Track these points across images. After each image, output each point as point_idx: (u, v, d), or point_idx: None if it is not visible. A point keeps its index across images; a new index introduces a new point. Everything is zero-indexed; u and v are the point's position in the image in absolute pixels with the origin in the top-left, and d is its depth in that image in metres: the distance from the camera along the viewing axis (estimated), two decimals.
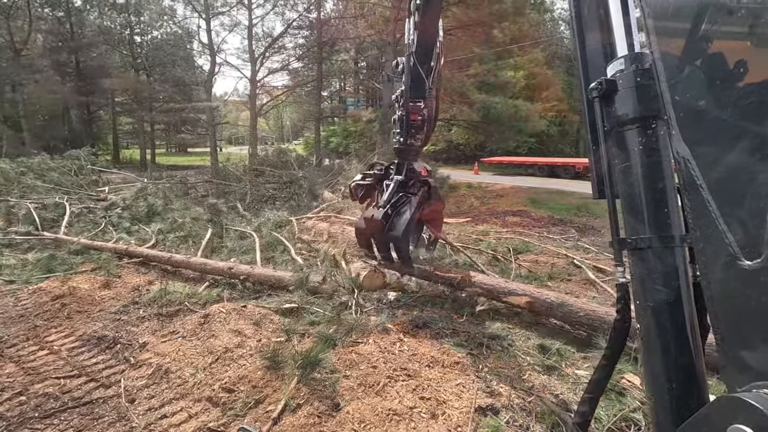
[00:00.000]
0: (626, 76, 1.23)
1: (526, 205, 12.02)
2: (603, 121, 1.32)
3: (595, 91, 1.29)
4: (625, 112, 1.23)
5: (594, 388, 1.37)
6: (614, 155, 1.32)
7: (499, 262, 5.99)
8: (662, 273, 1.18)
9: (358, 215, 4.95)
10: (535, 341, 3.70)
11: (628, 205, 1.27)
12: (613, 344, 1.32)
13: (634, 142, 1.22)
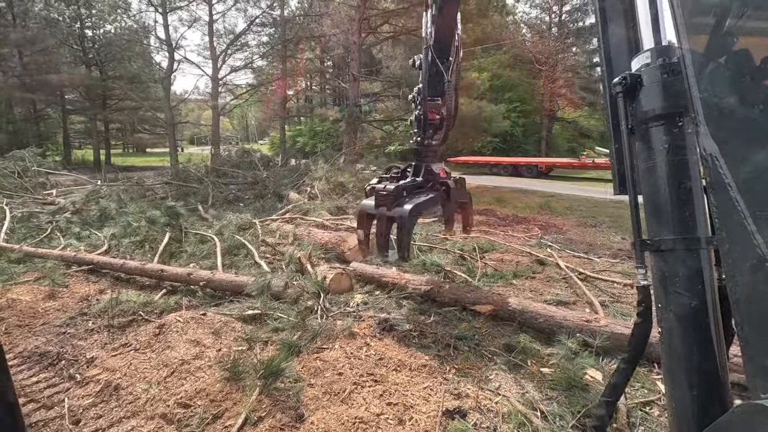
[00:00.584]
0: (652, 70, 1.17)
1: (492, 204, 12.24)
2: (626, 118, 1.26)
3: (619, 86, 1.23)
4: (651, 108, 1.18)
5: (611, 392, 1.34)
6: (637, 153, 1.27)
7: (465, 261, 6.03)
8: (686, 276, 1.13)
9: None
10: (501, 340, 3.72)
11: (651, 204, 1.22)
12: (633, 348, 1.28)
13: (659, 140, 1.17)
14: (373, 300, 4.60)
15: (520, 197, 13.67)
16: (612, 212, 10.81)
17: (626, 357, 1.30)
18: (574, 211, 10.94)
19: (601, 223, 9.34)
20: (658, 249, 1.17)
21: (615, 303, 4.61)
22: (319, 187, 10.59)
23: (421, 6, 14.50)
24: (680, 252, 1.12)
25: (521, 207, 11.61)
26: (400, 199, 3.76)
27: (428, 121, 4.07)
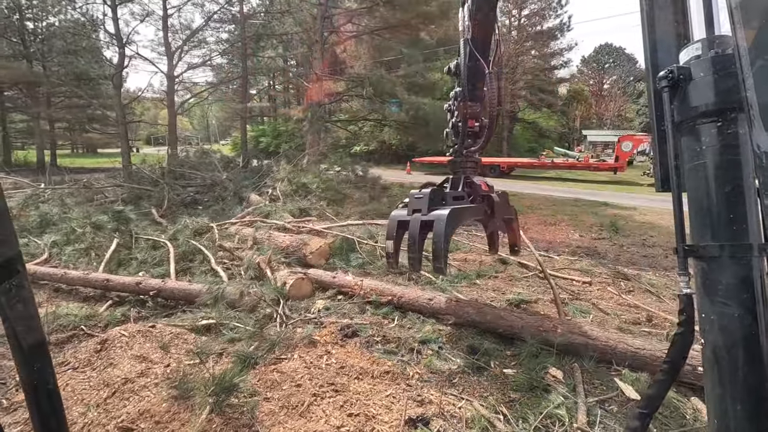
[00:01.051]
0: (703, 62, 1.08)
1: None
2: (671, 114, 1.16)
3: (665, 80, 1.14)
4: (700, 103, 1.09)
5: (647, 404, 1.25)
6: (683, 151, 1.17)
7: (428, 262, 5.99)
8: (734, 285, 1.04)
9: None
10: (464, 342, 3.69)
11: (697, 207, 1.13)
12: (672, 359, 1.20)
13: (708, 137, 1.08)
14: (336, 305, 4.47)
15: None
16: (570, 210, 11.17)
17: (665, 368, 1.21)
18: (534, 210, 11.22)
19: (561, 222, 9.62)
20: (703, 255, 1.10)
21: (574, 300, 4.70)
22: (281, 188, 10.31)
23: (383, 6, 14.51)
24: (728, 259, 1.05)
25: None
26: (438, 205, 3.37)
27: (467, 129, 3.69)
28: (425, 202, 3.28)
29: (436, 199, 3.39)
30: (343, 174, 12.46)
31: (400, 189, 15.48)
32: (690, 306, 1.16)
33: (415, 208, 3.35)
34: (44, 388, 0.82)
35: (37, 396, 0.82)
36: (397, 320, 4.13)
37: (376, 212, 9.60)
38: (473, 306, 3.98)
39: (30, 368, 0.80)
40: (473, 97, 3.68)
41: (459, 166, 3.93)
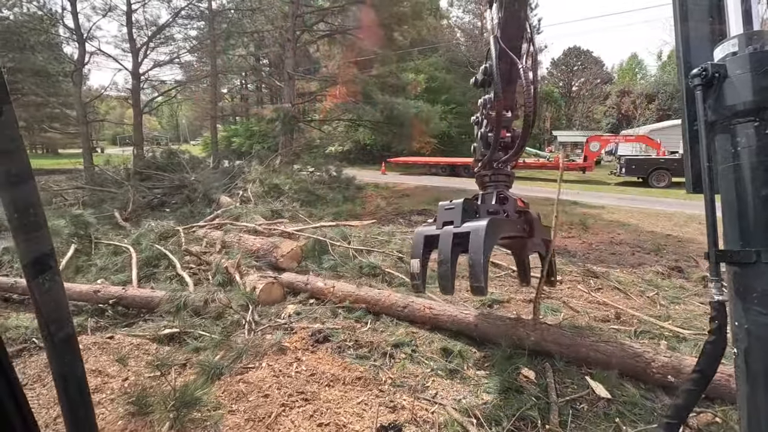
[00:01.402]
0: (740, 59, 1.03)
1: (431, 204, 12.38)
2: (705, 113, 1.11)
3: (698, 78, 1.09)
4: (736, 101, 1.04)
5: (675, 414, 1.20)
6: (717, 151, 1.12)
7: (403, 263, 5.95)
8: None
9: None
10: (438, 344, 3.66)
11: (731, 211, 1.07)
12: (703, 368, 1.15)
13: (744, 137, 1.03)
14: (308, 309, 4.36)
15: (458, 197, 13.99)
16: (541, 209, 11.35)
17: (694, 377, 1.16)
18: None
19: None
20: (737, 261, 1.05)
21: (546, 299, 4.74)
22: (252, 189, 10.06)
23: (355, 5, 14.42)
24: (764, 265, 1.00)
25: None
26: (472, 218, 2.92)
27: (499, 139, 3.26)
28: (458, 212, 2.87)
29: (469, 210, 2.99)
30: (317, 174, 12.29)
31: (375, 189, 15.44)
32: (722, 313, 1.12)
33: (445, 221, 2.92)
34: (74, 379, 0.85)
35: (67, 386, 0.84)
36: (370, 323, 4.05)
37: (350, 213, 9.51)
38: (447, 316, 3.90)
39: (61, 360, 0.83)
40: (507, 100, 3.29)
41: (490, 180, 3.48)
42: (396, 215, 10.04)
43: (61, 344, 0.84)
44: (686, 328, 3.94)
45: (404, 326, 3.99)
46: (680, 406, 1.19)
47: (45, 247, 0.82)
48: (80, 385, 0.88)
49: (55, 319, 0.83)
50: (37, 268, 0.80)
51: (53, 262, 0.83)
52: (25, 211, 0.78)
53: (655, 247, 7.30)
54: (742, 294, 1.05)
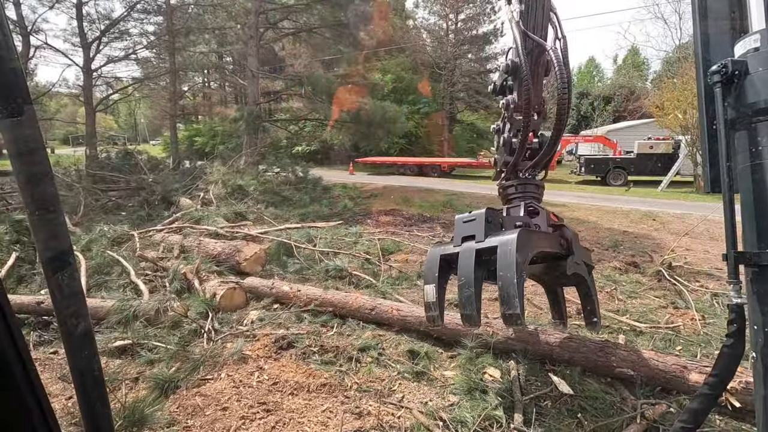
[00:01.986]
0: (762, 55, 1.00)
1: (398, 203, 12.40)
2: (724, 111, 1.08)
3: (717, 75, 1.06)
4: (758, 99, 1.00)
5: (690, 418, 1.17)
6: (738, 150, 1.09)
7: (371, 264, 5.90)
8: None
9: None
10: (404, 347, 3.62)
11: (752, 211, 1.04)
12: (720, 372, 1.11)
13: (766, 137, 1.00)
14: (271, 315, 4.22)
15: (425, 196, 14.09)
16: None
17: (711, 381, 1.14)
18: (473, 209, 11.50)
19: None
20: (758, 263, 1.02)
21: None
22: (215, 191, 9.72)
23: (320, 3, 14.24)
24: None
25: (426, 206, 11.94)
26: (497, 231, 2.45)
27: (526, 145, 2.81)
28: (480, 225, 2.41)
29: (493, 222, 2.51)
30: (283, 175, 12.04)
31: (343, 190, 15.30)
32: (741, 316, 1.09)
33: (465, 236, 2.48)
34: (90, 374, 0.87)
35: (84, 381, 0.86)
36: (336, 327, 3.97)
37: (317, 214, 9.36)
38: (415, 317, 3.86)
39: (78, 355, 0.86)
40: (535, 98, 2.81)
41: (516, 191, 2.98)
42: (364, 216, 9.96)
43: (80, 340, 0.85)
44: (642, 322, 4.09)
45: (371, 329, 3.93)
46: (697, 410, 1.16)
47: (64, 245, 0.83)
48: (97, 380, 0.89)
49: (73, 315, 0.83)
50: (56, 265, 0.81)
51: (72, 259, 0.84)
52: (46, 209, 0.78)
53: (613, 243, 7.59)
54: (762, 297, 1.02)
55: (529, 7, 2.80)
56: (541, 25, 2.85)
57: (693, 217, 9.96)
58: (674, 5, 39.76)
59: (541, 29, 2.86)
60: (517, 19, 2.76)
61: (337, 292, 4.43)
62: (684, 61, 17.09)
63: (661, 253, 6.68)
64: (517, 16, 2.78)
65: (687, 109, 15.43)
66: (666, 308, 4.52)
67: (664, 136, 18.48)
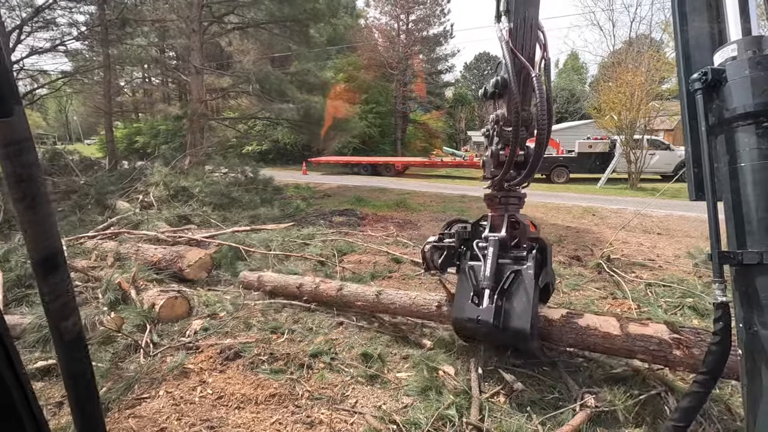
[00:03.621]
0: (739, 63, 1.04)
1: (352, 203, 12.31)
2: (706, 117, 1.11)
3: (698, 83, 1.11)
4: (737, 105, 1.04)
5: (682, 417, 1.18)
6: (719, 155, 1.13)
7: (324, 266, 5.78)
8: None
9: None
10: (358, 350, 3.55)
11: (734, 213, 1.08)
12: (709, 370, 1.15)
13: (745, 141, 1.04)
14: (217, 324, 3.99)
15: (379, 196, 14.10)
16: (459, 206, 11.86)
17: (700, 379, 1.17)
18: (427, 207, 11.69)
19: (451, 217, 10.12)
20: (741, 262, 1.06)
21: None
22: (156, 193, 9.13)
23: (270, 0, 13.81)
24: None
25: (380, 205, 11.93)
26: (503, 311, 2.92)
27: (513, 158, 3.02)
28: (493, 328, 2.90)
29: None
30: (231, 176, 11.55)
31: (296, 190, 14.97)
32: (727, 315, 1.13)
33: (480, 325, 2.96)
34: (83, 378, 0.86)
35: (76, 385, 0.86)
36: (287, 334, 3.83)
37: (269, 216, 9.06)
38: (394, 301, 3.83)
39: (70, 359, 0.84)
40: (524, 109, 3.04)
41: (500, 202, 3.29)
42: (317, 216, 9.78)
43: (71, 343, 0.84)
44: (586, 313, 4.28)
45: (323, 333, 3.83)
46: (688, 408, 1.19)
47: (55, 246, 0.81)
48: (89, 384, 0.89)
49: (65, 318, 0.83)
50: (47, 267, 0.80)
51: (63, 260, 0.83)
52: (35, 210, 0.78)
53: (557, 238, 7.95)
54: (745, 295, 1.07)
55: (517, 26, 2.92)
56: (530, 44, 2.98)
57: (627, 211, 10.66)
58: (608, 14, 42.45)
59: (530, 47, 2.99)
60: (506, 38, 2.90)
61: (290, 276, 4.28)
62: (618, 66, 18.25)
63: (601, 247, 7.07)
64: (506, 35, 2.91)
65: (621, 111, 16.51)
66: (606, 299, 4.77)
67: (602, 136, 19.71)
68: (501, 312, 2.94)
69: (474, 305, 3.05)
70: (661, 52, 17.61)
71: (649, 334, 2.76)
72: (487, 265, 3.01)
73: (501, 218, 3.25)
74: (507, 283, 2.98)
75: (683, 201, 13.10)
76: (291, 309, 4.37)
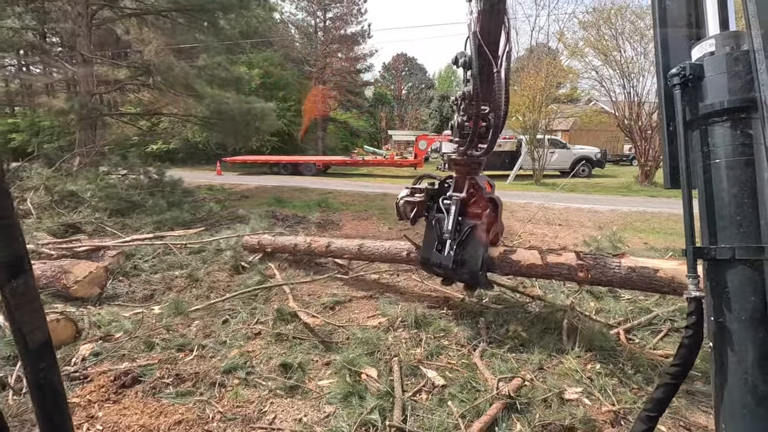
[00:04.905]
0: (716, 59, 1.05)
1: (272, 204, 11.82)
2: (683, 112, 1.13)
3: (676, 78, 1.11)
4: (713, 101, 1.05)
5: (655, 407, 1.21)
6: (695, 151, 1.14)
7: (239, 274, 5.42)
8: (745, 289, 1.02)
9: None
10: (276, 360, 3.35)
11: (708, 208, 1.09)
12: (680, 362, 1.16)
13: (720, 136, 1.05)
14: (112, 346, 3.52)
15: (300, 195, 13.72)
16: (380, 204, 11.96)
17: (672, 371, 1.17)
18: (349, 206, 11.61)
19: (372, 216, 10.17)
20: (714, 257, 1.06)
21: (385, 294, 4.87)
22: (35, 200, 7.90)
23: None
24: (739, 262, 1.02)
25: (301, 205, 11.60)
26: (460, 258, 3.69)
27: (476, 130, 3.34)
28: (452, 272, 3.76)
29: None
30: (132, 178, 10.39)
31: (209, 192, 14.00)
32: (699, 309, 1.14)
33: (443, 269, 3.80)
34: (49, 386, 0.84)
35: (43, 394, 0.83)
36: (197, 350, 3.49)
37: (177, 221, 8.32)
38: None
39: (36, 367, 0.82)
40: (484, 92, 3.28)
41: (463, 167, 3.86)
42: (232, 220, 9.20)
43: (37, 351, 0.82)
44: (500, 304, 4.51)
45: (237, 346, 3.56)
46: (660, 399, 1.22)
47: (19, 250, 0.80)
48: (56, 392, 0.86)
49: (29, 324, 0.80)
50: (10, 271, 0.77)
51: (27, 265, 0.81)
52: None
53: None
54: (717, 289, 1.08)
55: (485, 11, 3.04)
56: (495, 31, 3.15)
57: (533, 205, 11.57)
58: (512, 22, 45.68)
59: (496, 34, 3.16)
60: (474, 28, 3.06)
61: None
62: (521, 71, 19.77)
63: (511, 239, 7.56)
64: (475, 24, 3.08)
65: (525, 113, 17.91)
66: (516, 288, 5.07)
67: (510, 136, 21.23)
68: (458, 258, 3.68)
69: (438, 252, 3.79)
70: (557, 59, 19.41)
71: (562, 262, 3.58)
72: (450, 220, 3.67)
73: (463, 180, 3.85)
74: (464, 236, 3.68)
75: (579, 194, 14.60)
76: (202, 321, 4.01)
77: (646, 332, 3.87)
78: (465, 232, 3.69)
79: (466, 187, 3.82)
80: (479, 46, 3.05)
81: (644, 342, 3.71)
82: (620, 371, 3.21)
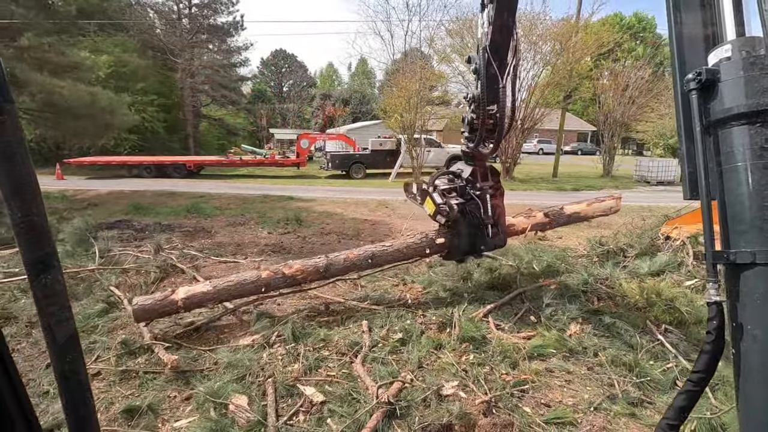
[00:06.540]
0: (733, 64, 1.06)
1: (129, 212, 10.23)
2: (700, 117, 1.14)
3: (693, 83, 1.12)
4: (731, 105, 1.06)
5: (675, 415, 1.18)
6: (713, 155, 1.15)
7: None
8: (766, 293, 1.02)
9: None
10: (119, 406, 2.76)
11: (728, 213, 1.10)
12: (702, 369, 1.15)
13: (739, 140, 1.06)
14: None
15: (166, 201, 12.19)
16: (260, 207, 11.25)
17: (694, 378, 1.14)
18: (223, 211, 10.64)
19: (250, 220, 9.46)
20: (734, 262, 1.06)
21: (257, 303, 4.47)
22: None
23: None
24: (762, 266, 1.01)
25: (166, 212, 10.26)
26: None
27: (484, 128, 3.93)
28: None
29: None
30: None
31: (45, 201, 11.54)
32: (720, 314, 1.13)
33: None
34: (75, 378, 0.86)
35: (69, 386, 0.86)
36: None
37: None
38: None
39: (63, 360, 0.84)
40: (491, 97, 3.75)
41: (471, 158, 4.36)
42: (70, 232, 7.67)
43: (64, 344, 0.83)
44: (381, 303, 4.47)
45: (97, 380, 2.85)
46: (681, 407, 1.19)
47: (47, 247, 0.80)
48: (82, 384, 0.86)
49: (57, 318, 0.81)
50: (39, 267, 0.78)
51: (56, 261, 0.81)
52: (29, 211, 0.76)
53: (356, 232, 8.32)
54: (738, 295, 1.08)
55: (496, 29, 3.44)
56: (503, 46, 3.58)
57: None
58: (386, 25, 47.67)
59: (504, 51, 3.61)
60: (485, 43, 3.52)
61: None
62: (397, 73, 20.57)
63: (394, 237, 7.71)
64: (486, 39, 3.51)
65: (402, 113, 18.68)
66: (398, 286, 5.12)
67: (390, 135, 21.97)
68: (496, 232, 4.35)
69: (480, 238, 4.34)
70: (429, 64, 20.67)
71: (539, 221, 5.65)
72: (488, 208, 4.28)
73: (484, 169, 4.42)
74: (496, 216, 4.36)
75: None
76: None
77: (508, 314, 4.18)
78: (495, 212, 4.35)
79: (489, 176, 4.45)
80: (488, 61, 3.55)
81: (505, 324, 3.99)
82: (490, 359, 3.39)
